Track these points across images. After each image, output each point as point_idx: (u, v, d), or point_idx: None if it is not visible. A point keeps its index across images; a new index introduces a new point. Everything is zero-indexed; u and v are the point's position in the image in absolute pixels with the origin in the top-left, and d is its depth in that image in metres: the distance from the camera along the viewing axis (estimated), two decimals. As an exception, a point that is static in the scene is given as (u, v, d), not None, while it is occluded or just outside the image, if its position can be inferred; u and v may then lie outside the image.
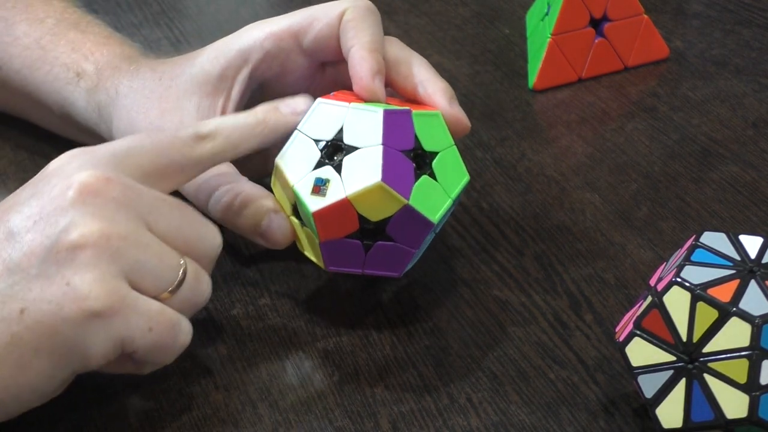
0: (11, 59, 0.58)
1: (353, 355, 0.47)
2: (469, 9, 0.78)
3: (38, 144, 0.62)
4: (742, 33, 0.74)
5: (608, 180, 0.59)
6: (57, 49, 0.57)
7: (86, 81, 0.55)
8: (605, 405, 0.44)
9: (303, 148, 0.46)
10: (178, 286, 0.41)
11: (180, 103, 0.50)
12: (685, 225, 0.55)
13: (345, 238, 0.45)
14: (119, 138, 0.51)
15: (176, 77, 0.51)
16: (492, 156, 0.61)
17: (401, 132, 0.45)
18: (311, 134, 0.46)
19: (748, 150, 0.61)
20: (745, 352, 0.37)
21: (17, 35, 0.58)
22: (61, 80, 0.56)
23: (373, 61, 0.48)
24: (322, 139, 0.46)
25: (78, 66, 0.55)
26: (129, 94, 0.53)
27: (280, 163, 0.46)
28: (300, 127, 0.46)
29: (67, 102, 0.56)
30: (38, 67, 0.57)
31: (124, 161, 0.42)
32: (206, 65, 0.51)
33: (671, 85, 0.68)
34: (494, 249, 0.53)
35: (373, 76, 0.47)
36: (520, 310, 0.49)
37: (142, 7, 0.79)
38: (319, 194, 0.44)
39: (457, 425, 0.43)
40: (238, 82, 0.50)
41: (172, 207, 0.42)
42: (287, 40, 0.50)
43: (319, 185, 0.44)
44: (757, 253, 0.40)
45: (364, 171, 0.44)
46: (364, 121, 0.45)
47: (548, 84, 0.68)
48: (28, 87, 0.58)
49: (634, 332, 0.40)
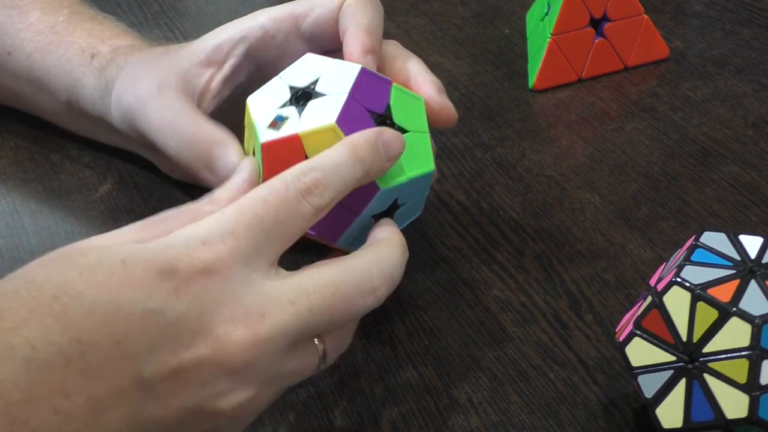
0: (23, 43, 0.58)
1: (353, 355, 0.47)
2: (469, 9, 0.78)
3: (38, 144, 0.62)
4: (742, 33, 0.74)
5: (608, 180, 0.59)
6: (73, 35, 0.57)
7: (99, 60, 0.56)
8: (605, 405, 0.44)
9: (276, 90, 0.46)
10: (319, 366, 0.40)
11: (171, 66, 0.51)
12: (685, 225, 0.55)
13: None
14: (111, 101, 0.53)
15: (179, 48, 0.53)
16: (492, 156, 0.61)
17: (374, 94, 0.45)
18: (288, 80, 0.46)
19: (748, 150, 0.61)
20: (745, 352, 0.37)
21: (30, 21, 0.59)
22: (74, 62, 0.56)
23: (367, 39, 0.48)
24: (296, 86, 0.46)
25: (94, 48, 0.56)
26: (137, 62, 0.54)
27: (249, 101, 0.46)
28: (281, 73, 0.47)
29: (77, 83, 0.56)
30: (51, 51, 0.57)
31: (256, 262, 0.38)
32: (207, 39, 0.52)
33: (671, 85, 0.68)
34: (494, 249, 0.53)
35: (365, 53, 0.47)
36: (520, 310, 0.49)
37: (142, 7, 0.79)
38: (274, 128, 0.44)
39: (457, 425, 0.43)
40: (233, 56, 0.51)
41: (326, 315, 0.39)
42: (287, 22, 0.51)
43: (277, 121, 0.44)
44: (757, 253, 0.40)
45: (322, 113, 0.44)
46: (340, 73, 0.45)
47: (548, 84, 0.68)
48: (36, 72, 0.58)
49: (634, 332, 0.40)
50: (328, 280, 0.38)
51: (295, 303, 0.37)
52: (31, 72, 0.58)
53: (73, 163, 0.61)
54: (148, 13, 0.79)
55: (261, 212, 0.38)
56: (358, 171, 0.41)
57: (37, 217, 0.57)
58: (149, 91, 0.51)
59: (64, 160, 0.61)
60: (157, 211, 0.56)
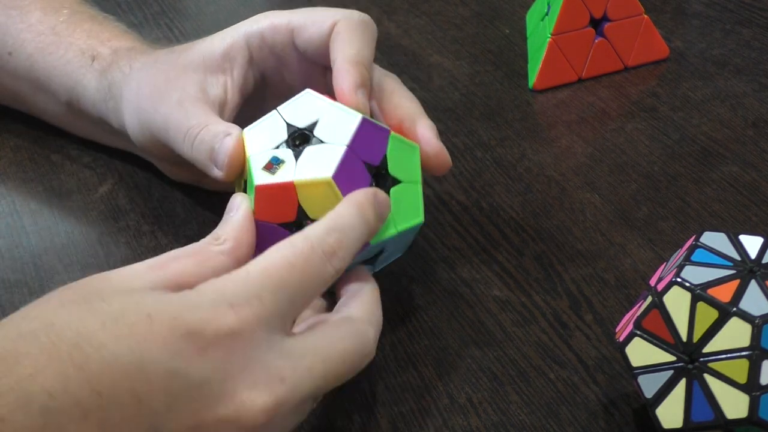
0: (23, 44, 0.58)
1: (353, 355, 0.47)
2: (469, 9, 0.78)
3: (38, 144, 0.62)
4: (742, 33, 0.74)
5: (608, 180, 0.59)
6: (73, 36, 0.57)
7: (100, 62, 0.56)
8: (605, 405, 0.44)
9: (273, 126, 0.46)
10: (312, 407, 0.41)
11: (185, 73, 0.51)
12: (685, 225, 0.55)
13: (278, 225, 0.44)
14: (124, 112, 0.53)
15: (187, 50, 0.52)
16: (492, 156, 0.61)
17: (372, 145, 0.45)
18: (286, 117, 0.46)
19: (748, 150, 0.61)
20: (745, 352, 0.37)
21: (31, 22, 0.59)
22: (74, 64, 0.56)
23: (356, 74, 0.47)
24: (294, 125, 0.45)
25: (93, 50, 0.56)
26: (142, 68, 0.53)
27: (246, 133, 0.46)
28: (279, 108, 0.46)
29: (77, 85, 0.56)
30: (51, 52, 0.57)
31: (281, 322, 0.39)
32: (215, 42, 0.51)
33: (671, 85, 0.68)
34: (494, 249, 0.53)
35: (355, 89, 0.46)
36: (520, 310, 0.49)
37: (142, 8, 0.79)
38: (269, 171, 0.44)
39: (457, 425, 0.43)
40: (240, 65, 0.51)
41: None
42: (284, 34, 0.51)
43: (273, 163, 0.44)
44: (757, 253, 0.40)
45: (319, 163, 0.43)
46: (339, 121, 0.45)
47: (548, 84, 0.68)
48: (36, 72, 0.58)
49: (634, 332, 0.40)
50: (339, 348, 0.39)
51: (312, 370, 0.38)
52: (31, 72, 0.58)
53: (73, 163, 0.61)
54: (148, 13, 0.79)
55: (287, 276, 0.38)
56: (365, 231, 0.42)
57: (37, 217, 0.57)
58: (172, 110, 0.50)
59: (64, 160, 0.61)
60: (157, 212, 0.56)
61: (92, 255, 0.54)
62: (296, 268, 0.39)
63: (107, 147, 0.61)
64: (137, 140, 0.54)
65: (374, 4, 0.79)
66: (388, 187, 0.45)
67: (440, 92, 0.67)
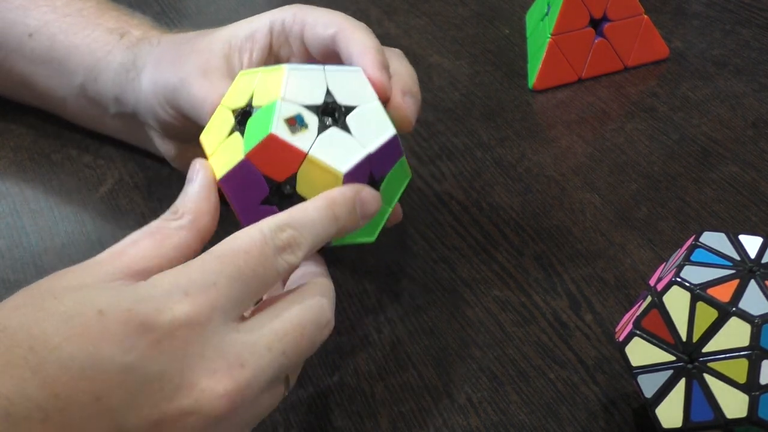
0: (47, 24, 0.59)
1: (353, 355, 0.47)
2: (469, 9, 0.78)
3: (38, 144, 0.62)
4: (742, 33, 0.74)
5: (608, 180, 0.59)
6: (101, 18, 0.58)
7: (129, 38, 0.56)
8: (605, 405, 0.44)
9: (314, 83, 0.44)
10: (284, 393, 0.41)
11: (210, 46, 0.51)
12: (685, 225, 0.55)
13: (263, 175, 0.42)
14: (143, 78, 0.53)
15: (215, 32, 0.53)
16: (492, 156, 0.61)
17: (385, 161, 0.44)
18: (330, 83, 0.44)
19: (748, 150, 0.61)
20: (745, 352, 0.37)
21: (57, 5, 0.60)
22: (100, 41, 0.57)
23: (380, 56, 0.47)
24: (333, 97, 0.44)
25: (123, 29, 0.57)
26: (171, 41, 0.54)
27: (286, 69, 0.44)
28: (327, 68, 0.45)
29: (100, 62, 0.57)
30: (76, 32, 0.58)
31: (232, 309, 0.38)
32: (243, 25, 0.52)
33: (671, 85, 0.68)
34: (494, 249, 0.53)
35: (380, 68, 0.46)
36: (520, 310, 0.49)
37: (142, 8, 0.79)
38: (290, 127, 0.42)
39: (457, 425, 0.43)
40: (261, 46, 0.51)
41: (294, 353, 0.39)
42: (299, 26, 0.51)
43: (298, 122, 0.43)
44: (757, 253, 0.40)
45: (338, 153, 0.42)
46: (375, 122, 0.44)
47: (548, 84, 0.68)
48: (56, 52, 0.59)
49: (634, 332, 0.40)
50: (294, 321, 0.39)
51: (271, 348, 0.38)
52: (50, 53, 0.59)
53: (73, 163, 0.61)
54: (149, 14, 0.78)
55: (242, 265, 0.38)
56: (332, 229, 0.41)
57: (37, 217, 0.57)
58: (193, 72, 0.50)
59: (64, 160, 0.61)
60: (157, 212, 0.56)
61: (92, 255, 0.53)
62: (251, 256, 0.38)
63: (108, 147, 0.61)
64: (148, 108, 0.54)
65: (374, 4, 0.79)
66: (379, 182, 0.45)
67: (440, 92, 0.67)
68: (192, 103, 0.50)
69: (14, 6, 0.60)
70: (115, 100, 0.57)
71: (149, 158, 0.60)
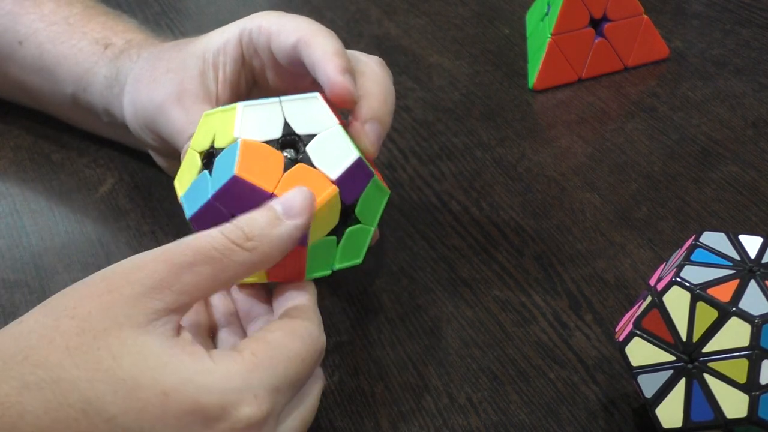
0: (35, 33, 0.59)
1: (353, 355, 0.47)
2: (469, 9, 0.78)
3: (38, 144, 0.62)
4: (742, 33, 0.74)
5: (608, 180, 0.59)
6: (87, 26, 0.58)
7: (113, 50, 0.56)
8: (605, 405, 0.44)
9: (271, 116, 0.43)
10: None
11: (184, 64, 0.51)
12: (685, 225, 0.55)
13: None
14: (124, 98, 0.53)
15: (190, 44, 0.52)
16: (492, 156, 0.61)
17: (353, 185, 0.43)
18: (287, 114, 0.43)
19: (748, 150, 0.61)
20: (745, 352, 0.37)
21: (44, 12, 0.59)
22: (86, 52, 0.57)
23: (341, 61, 0.45)
24: (291, 128, 0.43)
25: (107, 39, 0.57)
26: (148, 57, 0.54)
27: (240, 108, 0.43)
28: (283, 99, 0.44)
29: (87, 73, 0.57)
30: (63, 41, 0.58)
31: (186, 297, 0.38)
32: (214, 37, 0.51)
33: (671, 85, 0.68)
34: (494, 249, 0.53)
35: (342, 72, 0.45)
36: (520, 310, 0.49)
37: (142, 8, 0.79)
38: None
39: (457, 425, 0.43)
40: (232, 60, 0.51)
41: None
42: (265, 36, 0.50)
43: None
44: (757, 253, 0.40)
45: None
46: (336, 149, 0.43)
47: (548, 84, 0.68)
48: (45, 62, 0.58)
49: (634, 332, 0.40)
50: (313, 402, 0.40)
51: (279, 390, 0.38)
52: (39, 61, 0.59)
53: (73, 163, 0.61)
54: (149, 14, 0.79)
55: (300, 371, 0.38)
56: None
57: (37, 217, 0.57)
58: (169, 98, 0.50)
59: (64, 160, 0.61)
60: (157, 212, 0.56)
61: (92, 255, 0.54)
62: (307, 366, 0.39)
63: (107, 147, 0.61)
64: (133, 129, 0.54)
65: (374, 4, 0.79)
66: (348, 226, 0.44)
67: (440, 92, 0.67)
68: (169, 132, 0.50)
69: (4, 12, 0.60)
70: (105, 111, 0.57)
71: (149, 158, 0.60)
